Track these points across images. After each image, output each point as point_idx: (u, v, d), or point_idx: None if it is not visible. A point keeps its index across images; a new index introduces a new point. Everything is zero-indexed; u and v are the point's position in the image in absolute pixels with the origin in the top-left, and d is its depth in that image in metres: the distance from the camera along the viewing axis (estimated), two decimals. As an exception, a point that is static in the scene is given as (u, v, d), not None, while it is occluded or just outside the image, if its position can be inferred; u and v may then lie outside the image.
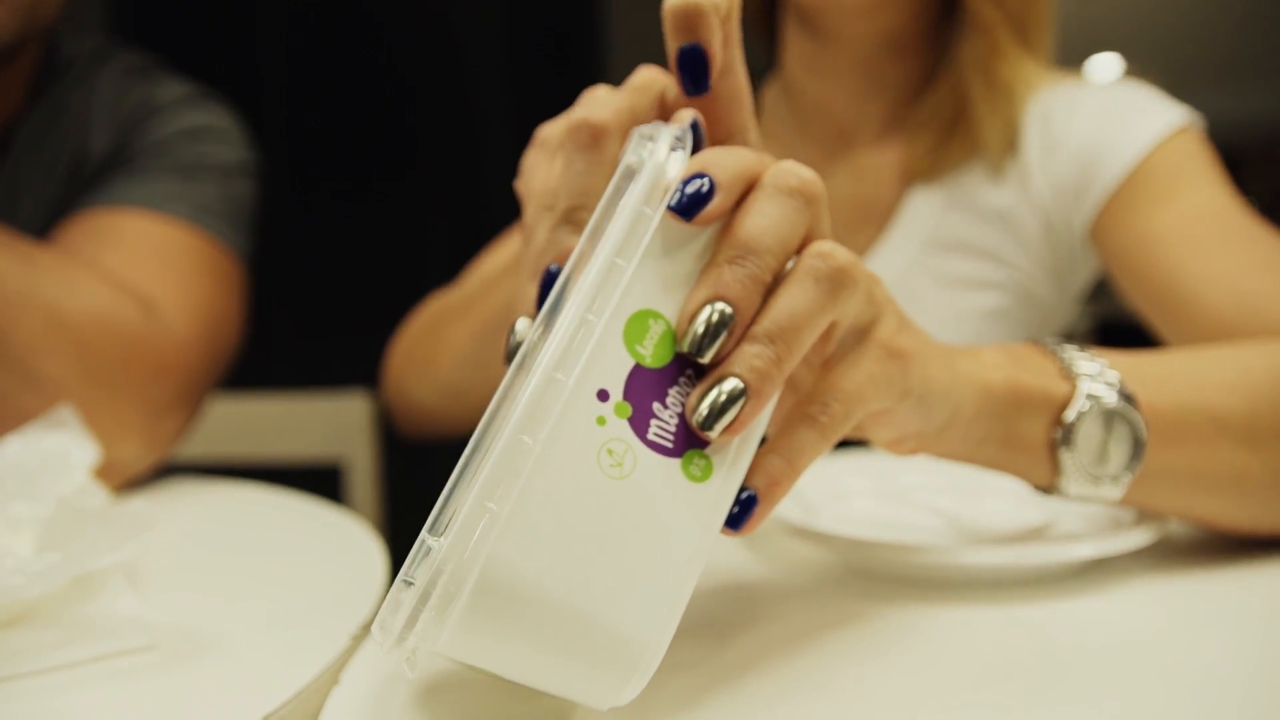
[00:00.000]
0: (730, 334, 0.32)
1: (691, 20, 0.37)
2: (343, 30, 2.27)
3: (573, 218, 0.38)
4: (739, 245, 0.33)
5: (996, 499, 0.58)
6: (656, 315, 0.33)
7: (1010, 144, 0.79)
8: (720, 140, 0.41)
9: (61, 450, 0.56)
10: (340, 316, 2.00)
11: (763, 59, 0.94)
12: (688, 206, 0.33)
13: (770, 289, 0.34)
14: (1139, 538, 0.48)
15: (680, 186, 0.33)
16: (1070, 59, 0.87)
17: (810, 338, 0.33)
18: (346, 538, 0.60)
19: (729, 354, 0.33)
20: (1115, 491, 0.45)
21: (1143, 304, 0.71)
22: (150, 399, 0.70)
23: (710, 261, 0.33)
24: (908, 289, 0.80)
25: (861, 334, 0.37)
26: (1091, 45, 3.47)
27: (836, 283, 0.34)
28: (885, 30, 0.80)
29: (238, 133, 0.89)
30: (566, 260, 0.33)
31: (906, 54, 0.82)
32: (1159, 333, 0.71)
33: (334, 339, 1.93)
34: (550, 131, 0.44)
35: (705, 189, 0.33)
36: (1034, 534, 0.53)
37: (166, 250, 0.77)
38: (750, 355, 0.32)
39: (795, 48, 0.85)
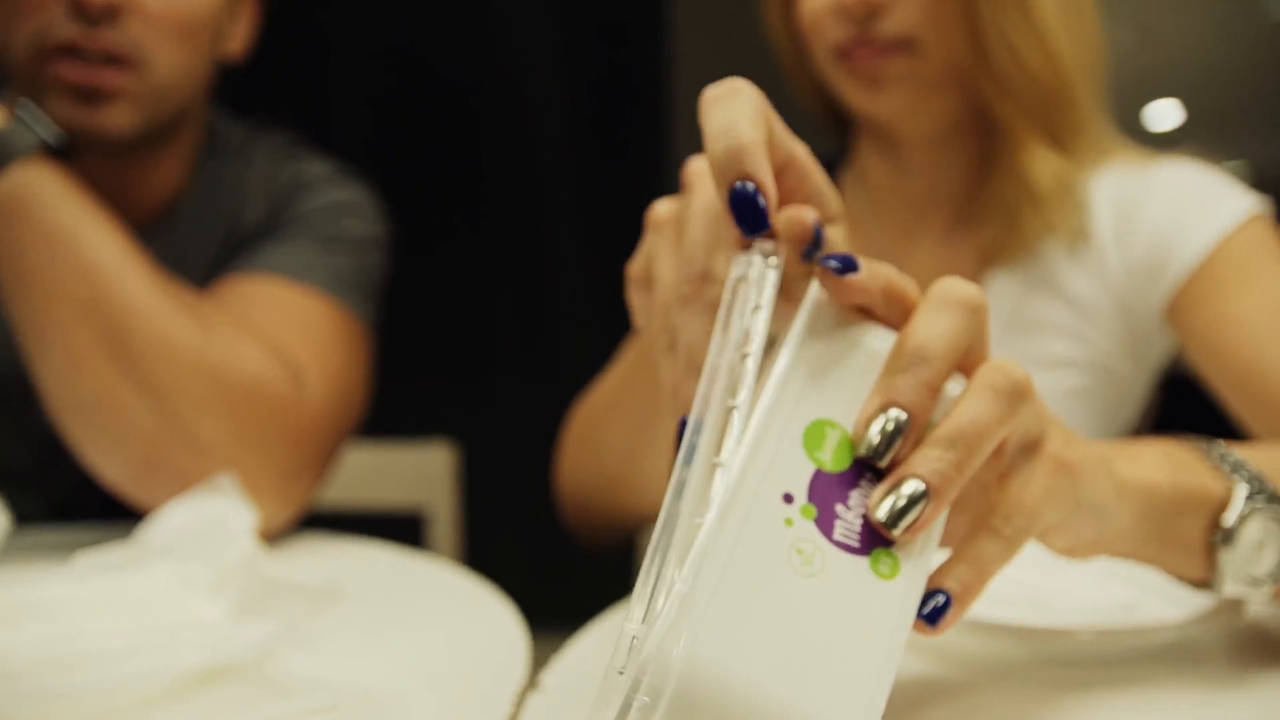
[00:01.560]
0: (905, 439, 0.35)
1: (736, 160, 0.37)
2: (417, 95, 2.36)
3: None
4: (911, 353, 0.35)
5: (1079, 573, 0.61)
6: (832, 423, 0.35)
7: (1077, 228, 0.82)
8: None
9: (223, 516, 0.61)
10: (418, 365, 2.07)
11: (832, 144, 0.99)
12: (837, 268, 0.36)
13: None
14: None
15: (825, 260, 0.36)
16: (1127, 106, 0.89)
17: (989, 446, 0.35)
18: (471, 594, 0.64)
19: (906, 456, 0.35)
20: (1268, 590, 0.46)
21: (1221, 386, 0.75)
22: (287, 464, 0.76)
23: (883, 370, 0.36)
24: None
25: (1032, 449, 0.39)
26: (1148, 92, 3.49)
27: (1015, 396, 0.36)
28: (940, 119, 0.83)
29: (373, 208, 0.96)
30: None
31: (969, 137, 0.85)
32: (1236, 413, 0.74)
33: (412, 387, 2.00)
34: (665, 214, 0.46)
35: (850, 264, 0.36)
36: (1127, 609, 0.56)
37: (307, 319, 0.83)
38: (932, 458, 0.34)
39: (863, 137, 0.90)
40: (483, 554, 1.58)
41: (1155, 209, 0.80)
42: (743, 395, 0.34)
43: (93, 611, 0.51)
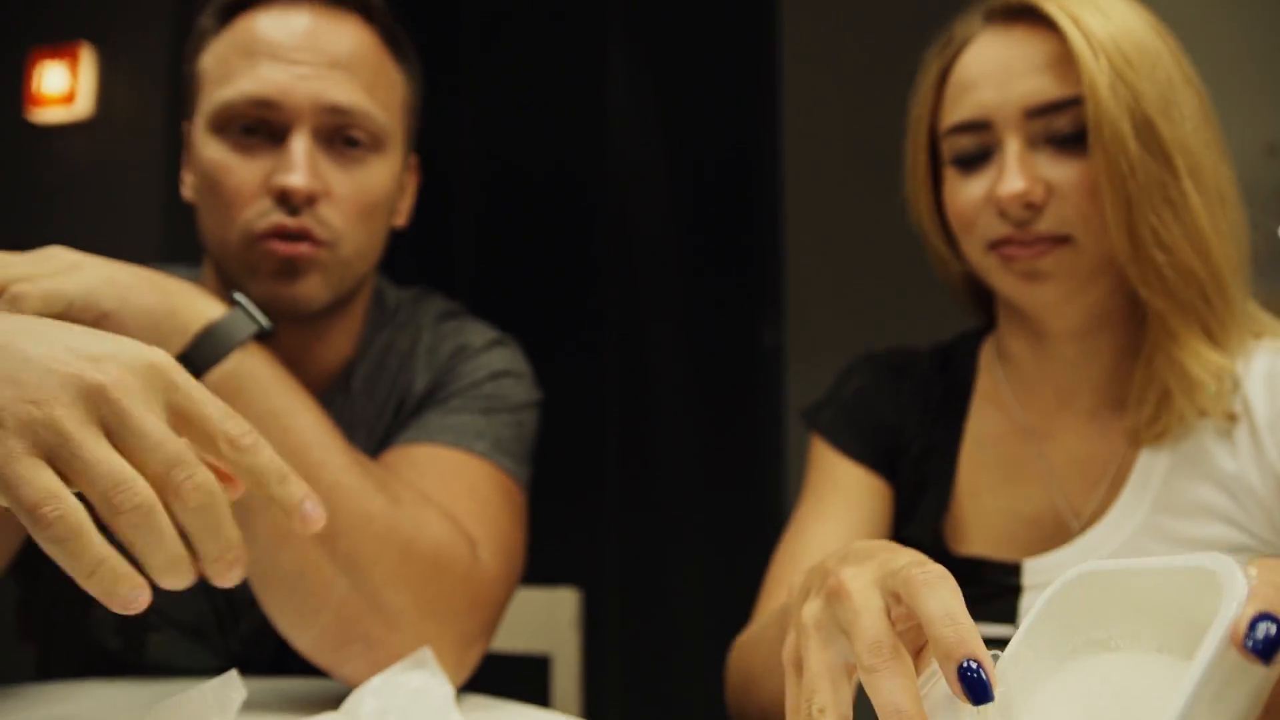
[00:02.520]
0: None
1: (965, 645, 0.43)
2: (530, 221, 2.47)
3: None
4: None
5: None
6: None
7: (1228, 414, 0.82)
8: None
9: (424, 688, 0.66)
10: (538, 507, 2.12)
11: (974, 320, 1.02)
12: (1265, 651, 0.36)
13: None
14: None
15: (1251, 631, 0.36)
16: (1260, 224, 0.88)
17: None
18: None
19: None
20: None
21: None
22: (464, 630, 0.80)
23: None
24: (1139, 550, 0.82)
25: None
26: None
27: None
28: (1092, 309, 0.85)
29: (529, 373, 1.02)
30: None
31: (1116, 324, 0.87)
32: None
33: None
34: (814, 618, 0.50)
35: (1275, 632, 0.36)
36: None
37: (475, 486, 0.88)
38: None
39: (1007, 320, 0.93)
40: (604, 701, 1.59)
41: None
42: None
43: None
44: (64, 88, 2.79)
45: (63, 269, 0.72)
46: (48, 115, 2.81)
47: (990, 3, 0.87)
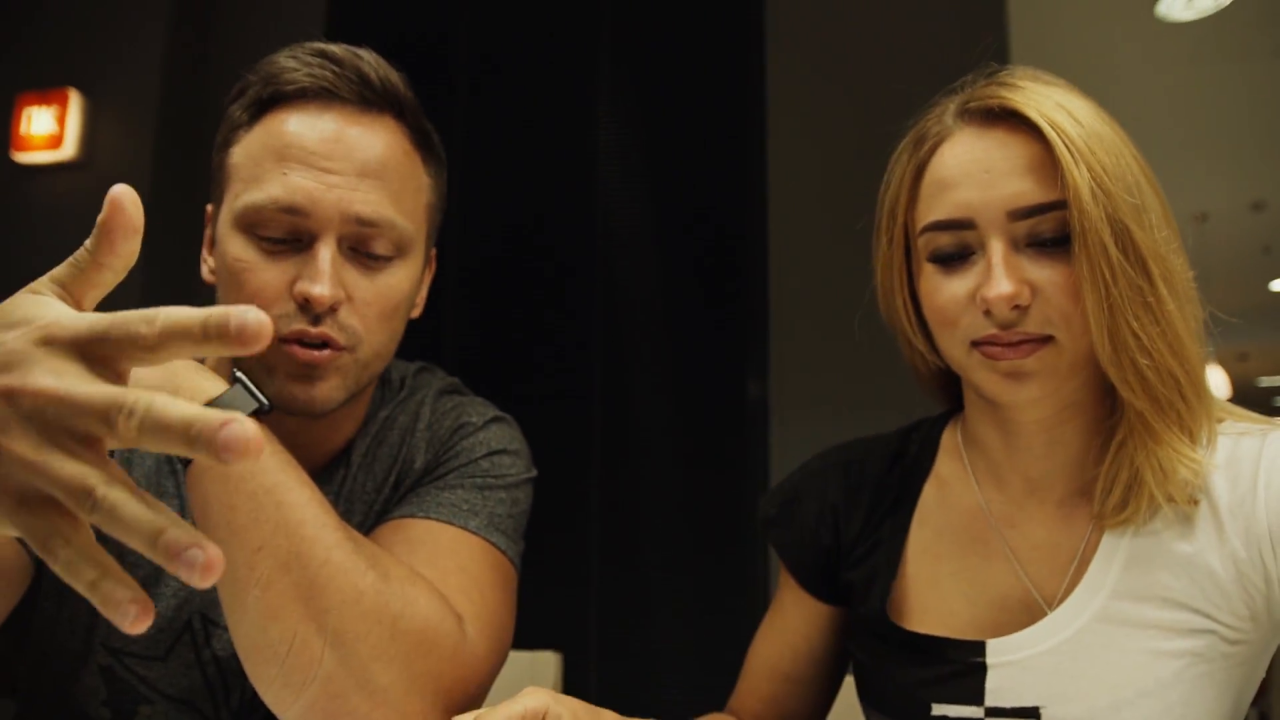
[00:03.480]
0: None
1: None
2: (517, 280, 2.48)
3: None
4: None
5: None
6: None
7: (1193, 500, 0.84)
8: None
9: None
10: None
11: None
12: None
13: None
14: None
15: None
16: (1251, 278, 0.90)
17: None
18: None
19: None
20: None
21: None
22: (450, 707, 0.81)
23: None
24: (1102, 634, 0.84)
25: None
26: (1271, 262, 3.51)
27: None
28: (1061, 403, 0.87)
29: (525, 450, 1.03)
30: None
31: (1084, 414, 0.89)
32: None
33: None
34: None
35: None
36: None
37: (467, 564, 0.89)
38: None
39: (975, 408, 0.94)
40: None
41: (1273, 480, 0.82)
42: None
43: None
44: (51, 131, 2.81)
45: None
46: (34, 157, 2.82)
47: (965, 102, 0.88)
